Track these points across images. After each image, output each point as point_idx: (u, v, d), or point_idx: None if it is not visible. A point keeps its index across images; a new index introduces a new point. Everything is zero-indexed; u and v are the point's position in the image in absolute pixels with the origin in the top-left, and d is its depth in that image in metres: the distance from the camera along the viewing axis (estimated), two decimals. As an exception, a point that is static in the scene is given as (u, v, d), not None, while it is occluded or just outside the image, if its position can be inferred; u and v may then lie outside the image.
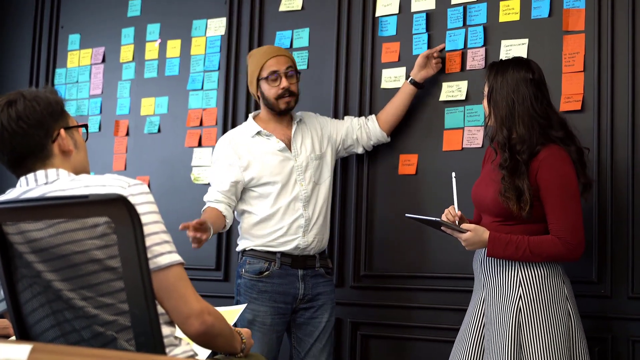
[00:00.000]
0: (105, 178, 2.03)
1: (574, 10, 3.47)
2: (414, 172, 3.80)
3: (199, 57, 4.50)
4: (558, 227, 2.88)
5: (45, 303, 1.98)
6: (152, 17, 4.71)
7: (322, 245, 3.61)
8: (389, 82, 3.91)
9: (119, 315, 1.92)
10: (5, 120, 2.04)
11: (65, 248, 1.90)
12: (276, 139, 3.59)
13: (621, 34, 3.39)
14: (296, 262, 3.52)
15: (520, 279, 2.92)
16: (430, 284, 3.73)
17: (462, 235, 2.95)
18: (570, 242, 2.87)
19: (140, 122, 4.64)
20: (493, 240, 2.91)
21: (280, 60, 3.56)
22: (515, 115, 2.93)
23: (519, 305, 2.90)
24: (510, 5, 3.63)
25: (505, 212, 2.94)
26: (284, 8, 4.27)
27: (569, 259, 2.92)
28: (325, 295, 3.58)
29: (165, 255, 1.97)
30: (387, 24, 3.94)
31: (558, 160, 2.91)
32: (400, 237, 3.82)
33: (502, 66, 3.02)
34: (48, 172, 2.07)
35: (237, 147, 3.58)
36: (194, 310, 2.00)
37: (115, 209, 1.83)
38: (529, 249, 2.87)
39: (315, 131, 3.67)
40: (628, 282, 3.30)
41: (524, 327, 2.88)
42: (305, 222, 3.53)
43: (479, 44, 3.68)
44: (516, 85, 2.94)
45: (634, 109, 3.33)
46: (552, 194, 2.89)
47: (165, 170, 4.51)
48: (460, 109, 3.70)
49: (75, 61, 4.95)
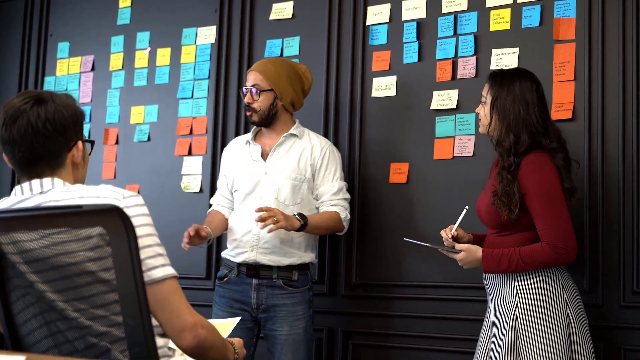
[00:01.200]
0: (100, 189, 2.01)
1: (565, 19, 3.49)
2: (405, 181, 3.80)
3: (189, 65, 4.49)
4: (546, 232, 2.91)
5: (38, 313, 1.96)
6: (141, 25, 4.70)
7: (282, 262, 3.52)
8: (379, 91, 3.91)
9: (112, 327, 1.91)
10: (34, 118, 2.02)
11: (59, 259, 1.88)
12: (259, 148, 3.63)
13: (612, 43, 3.41)
14: (250, 271, 3.52)
15: (517, 288, 2.96)
16: (423, 293, 3.73)
17: (456, 255, 3.06)
18: (562, 246, 2.90)
19: (130, 130, 4.63)
20: (486, 258, 2.99)
21: (250, 76, 3.63)
22: (520, 122, 2.99)
23: (515, 313, 2.94)
24: (500, 14, 3.64)
25: (499, 221, 3.00)
26: (274, 16, 4.27)
27: (562, 263, 2.95)
28: (285, 307, 3.50)
29: (159, 268, 1.96)
30: (377, 32, 3.95)
31: (539, 165, 2.96)
32: (392, 246, 3.82)
33: (508, 75, 3.08)
34: (43, 181, 2.06)
35: (230, 153, 3.75)
36: (187, 324, 1.99)
37: (110, 219, 1.82)
38: (521, 260, 2.92)
39: (309, 154, 3.61)
40: (620, 291, 3.30)
41: (521, 335, 2.91)
42: (254, 238, 3.51)
43: (469, 52, 3.69)
44: (522, 94, 3.02)
45: (624, 118, 3.35)
46: (536, 199, 2.93)
47: (155, 178, 4.50)
48: (451, 118, 3.70)
49: (64, 69, 4.94)
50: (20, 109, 2.02)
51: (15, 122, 2.01)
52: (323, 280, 3.95)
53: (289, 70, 3.63)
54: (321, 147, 3.63)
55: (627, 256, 3.30)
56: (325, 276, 3.94)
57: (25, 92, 2.09)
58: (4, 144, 2.05)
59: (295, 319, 3.51)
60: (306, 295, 3.58)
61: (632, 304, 3.29)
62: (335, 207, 3.58)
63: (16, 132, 2.02)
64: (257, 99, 3.59)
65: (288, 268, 3.53)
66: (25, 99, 2.04)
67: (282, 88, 3.59)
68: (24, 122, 2.01)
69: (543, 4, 3.55)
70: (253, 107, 3.60)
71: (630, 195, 3.31)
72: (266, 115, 3.60)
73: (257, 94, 3.58)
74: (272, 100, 3.59)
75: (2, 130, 2.03)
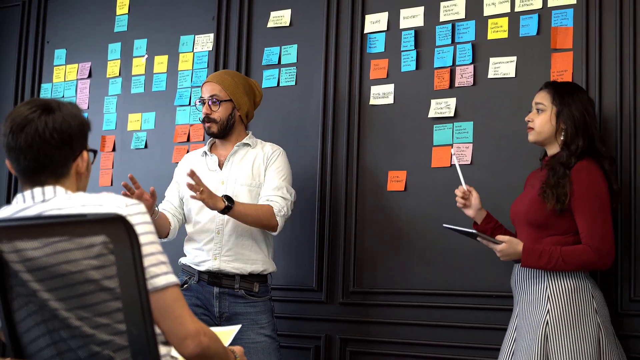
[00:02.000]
0: (102, 197, 2.01)
1: (562, 28, 3.51)
2: (402, 189, 3.81)
3: (186, 72, 4.50)
4: (590, 235, 3.00)
5: (40, 322, 1.96)
6: (139, 32, 4.70)
7: (245, 270, 3.52)
8: (377, 99, 3.92)
9: (115, 335, 1.91)
10: (42, 127, 2.02)
11: (61, 268, 1.88)
12: (216, 158, 3.65)
13: (609, 52, 3.43)
14: (212, 279, 3.52)
15: (549, 294, 3.03)
16: (420, 301, 3.73)
17: (497, 246, 3.09)
18: (603, 250, 2.99)
19: (127, 137, 4.63)
20: (527, 251, 3.03)
21: (208, 87, 3.64)
22: (588, 128, 3.11)
23: (546, 318, 3.00)
24: (498, 23, 3.65)
25: (539, 218, 3.07)
26: (272, 24, 4.28)
27: (600, 266, 3.05)
28: (248, 316, 3.50)
29: (161, 276, 1.96)
30: (375, 40, 3.96)
31: (592, 172, 3.06)
32: (389, 254, 3.82)
33: (568, 85, 3.21)
34: (45, 189, 2.05)
35: (185, 164, 3.74)
36: (190, 332, 1.99)
37: (114, 228, 1.82)
38: (561, 258, 2.99)
39: (261, 160, 3.62)
40: (618, 299, 3.32)
41: (551, 340, 2.96)
42: (217, 246, 3.52)
43: (467, 61, 3.71)
44: (586, 104, 3.15)
45: (621, 127, 3.37)
46: (583, 202, 3.02)
47: (152, 185, 4.47)
48: (448, 126, 3.72)
49: (61, 76, 4.94)
50: (27, 117, 2.02)
51: (23, 131, 2.01)
52: (321, 288, 3.95)
53: (244, 82, 3.67)
54: (272, 151, 3.64)
55: (624, 264, 3.31)
56: (323, 283, 3.95)
57: (32, 100, 2.09)
58: (10, 151, 2.04)
59: (260, 327, 3.51)
60: (268, 305, 3.58)
61: (630, 312, 3.30)
62: (270, 201, 3.51)
63: (23, 141, 2.01)
64: (216, 110, 3.60)
65: (250, 279, 3.52)
66: (33, 107, 2.04)
67: (239, 98, 3.61)
68: (32, 130, 2.01)
69: (541, 13, 3.57)
70: (213, 117, 3.60)
71: (626, 201, 3.32)
72: (225, 126, 3.61)
73: (216, 105, 3.59)
74: (230, 111, 3.61)
75: (8, 138, 2.03)
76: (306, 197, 4.00)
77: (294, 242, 4.02)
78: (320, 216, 3.99)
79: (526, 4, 3.60)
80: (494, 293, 3.54)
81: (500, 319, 3.48)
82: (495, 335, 3.45)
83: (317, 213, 3.99)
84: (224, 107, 3.60)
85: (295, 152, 4.03)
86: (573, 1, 3.51)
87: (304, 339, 3.97)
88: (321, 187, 4.01)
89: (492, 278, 3.54)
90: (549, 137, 3.16)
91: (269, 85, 4.23)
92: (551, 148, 3.19)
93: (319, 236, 3.98)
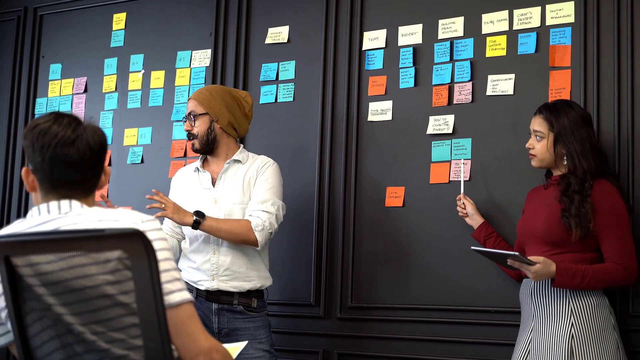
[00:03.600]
0: (118, 212, 2.03)
1: (560, 46, 3.55)
2: (401, 205, 3.83)
3: (183, 88, 4.51)
4: (617, 253, 3.08)
5: (55, 336, 1.96)
6: (135, 47, 4.71)
7: (244, 287, 3.52)
8: (375, 115, 3.95)
9: (130, 350, 1.92)
10: (91, 139, 2.05)
11: (76, 282, 1.89)
12: (209, 176, 3.63)
13: (607, 70, 3.48)
14: (210, 296, 3.51)
15: (572, 308, 3.06)
16: (418, 316, 3.75)
17: (531, 267, 3.06)
18: (631, 267, 3.07)
19: (123, 152, 4.63)
20: (560, 272, 3.04)
21: (188, 104, 3.67)
22: (586, 149, 3.13)
23: (571, 332, 3.03)
24: (496, 41, 3.69)
25: (556, 238, 3.11)
26: (270, 40, 4.30)
27: (628, 283, 3.14)
28: (247, 331, 3.50)
29: (176, 293, 1.98)
30: (373, 57, 3.99)
31: (611, 192, 3.12)
32: (387, 270, 3.84)
33: (563, 107, 3.19)
34: (61, 203, 2.06)
35: (178, 181, 3.76)
36: (203, 349, 2.01)
37: (131, 243, 1.83)
38: (594, 277, 3.04)
39: (252, 174, 3.60)
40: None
41: (577, 354, 2.99)
42: (213, 267, 3.52)
43: (465, 78, 3.74)
44: (583, 123, 3.17)
45: (619, 145, 3.41)
46: (607, 223, 3.08)
47: (148, 201, 4.48)
48: (447, 142, 3.75)
49: (56, 91, 4.94)
50: (75, 131, 2.03)
51: (74, 144, 2.03)
52: (318, 303, 3.96)
53: (224, 93, 3.64)
54: (263, 164, 3.61)
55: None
56: (321, 299, 3.95)
57: (57, 115, 2.08)
58: (55, 164, 2.04)
59: (258, 342, 3.50)
60: (265, 320, 3.58)
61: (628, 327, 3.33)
62: (251, 215, 3.47)
63: (75, 153, 2.03)
64: (195, 125, 3.61)
65: (248, 294, 3.52)
66: (71, 122, 2.05)
67: (217, 110, 3.60)
68: (83, 144, 2.03)
69: (539, 31, 3.61)
70: (193, 133, 3.62)
71: (625, 220, 3.36)
72: (206, 140, 3.61)
73: (193, 120, 3.61)
74: (208, 124, 3.60)
75: (54, 150, 2.03)
76: (304, 212, 4.02)
77: (291, 257, 4.03)
78: (318, 232, 4.00)
79: (524, 22, 3.64)
80: (492, 308, 3.56)
81: (499, 334, 3.50)
82: (494, 351, 3.48)
83: (315, 228, 4.01)
84: (201, 122, 3.60)
85: (293, 167, 4.06)
86: (571, 20, 3.55)
87: (301, 354, 3.97)
88: (319, 202, 4.02)
89: (491, 293, 3.57)
90: (551, 162, 3.22)
91: (267, 101, 4.25)
92: (557, 170, 3.24)
93: (317, 251, 3.99)
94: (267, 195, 3.52)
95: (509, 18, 3.69)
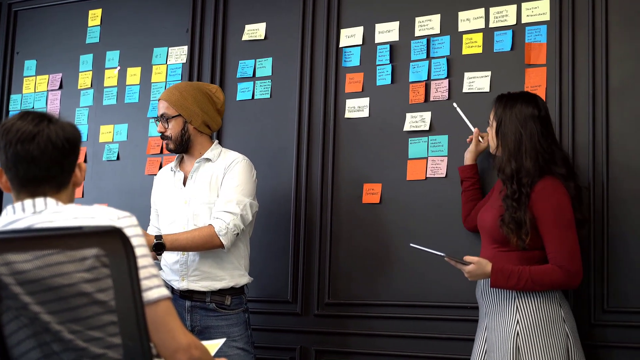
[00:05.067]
0: (94, 209, 2.02)
1: (536, 44, 3.57)
2: (378, 201, 3.84)
3: (159, 84, 4.49)
4: (557, 255, 3.00)
5: (31, 335, 1.95)
6: (111, 44, 4.69)
7: (215, 287, 3.51)
8: (352, 112, 3.95)
9: (108, 349, 1.90)
10: (54, 135, 2.02)
11: (54, 281, 1.88)
12: (182, 175, 3.63)
13: (581, 68, 3.50)
14: (183, 294, 3.51)
15: (518, 305, 3.03)
16: (395, 312, 3.76)
17: (465, 267, 3.06)
18: (572, 270, 2.99)
19: (99, 149, 4.61)
20: (496, 273, 3.01)
21: (159, 105, 3.63)
22: (522, 149, 3.06)
23: (516, 329, 3.00)
24: (473, 39, 3.71)
25: (503, 238, 3.07)
26: (246, 37, 4.30)
27: (569, 286, 3.07)
28: (220, 329, 3.48)
29: (154, 289, 1.98)
30: (350, 54, 4.00)
31: (553, 191, 3.04)
32: (364, 266, 3.85)
33: (511, 100, 3.15)
34: (36, 201, 2.05)
35: (157, 180, 3.78)
36: (182, 345, 2.01)
37: (110, 240, 1.82)
38: (530, 279, 2.98)
39: (220, 172, 3.57)
40: (590, 310, 3.38)
41: (522, 350, 2.97)
42: (182, 267, 3.51)
43: (442, 75, 3.76)
44: (524, 120, 3.09)
45: (594, 141, 3.43)
46: (549, 224, 3.01)
47: (124, 198, 4.47)
48: (424, 139, 3.76)
49: (31, 87, 4.90)
50: (36, 127, 2.02)
51: (34, 140, 2.01)
52: (296, 300, 3.97)
53: (195, 92, 3.59)
54: (231, 161, 3.56)
55: (597, 275, 3.37)
56: (298, 295, 3.96)
57: (26, 112, 2.07)
58: (18, 161, 2.02)
59: (232, 340, 3.48)
60: (241, 317, 3.55)
61: (603, 323, 3.36)
62: (215, 218, 3.43)
63: (36, 149, 2.01)
64: (168, 127, 3.59)
65: (221, 292, 3.51)
66: (36, 119, 2.04)
67: (189, 111, 3.57)
68: (44, 139, 2.01)
69: (515, 29, 3.64)
70: (167, 135, 3.60)
71: (600, 215, 3.39)
72: (180, 141, 3.59)
73: (165, 122, 3.59)
74: (182, 126, 3.58)
75: (16, 147, 2.01)
76: (281, 209, 4.02)
77: (269, 254, 4.03)
78: (296, 228, 4.00)
79: (500, 20, 3.66)
80: (469, 304, 3.57)
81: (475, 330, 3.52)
82: (471, 346, 3.49)
83: (293, 225, 4.01)
84: (174, 123, 3.57)
85: (270, 165, 4.06)
86: (546, 18, 3.58)
87: (279, 350, 3.97)
88: (296, 199, 4.02)
89: (468, 289, 3.57)
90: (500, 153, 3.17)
91: (244, 97, 4.24)
92: None
93: (294, 248, 4.00)
94: (232, 194, 3.47)
95: (485, 16, 3.71)
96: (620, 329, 3.34)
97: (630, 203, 3.36)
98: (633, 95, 3.41)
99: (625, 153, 3.40)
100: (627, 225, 3.36)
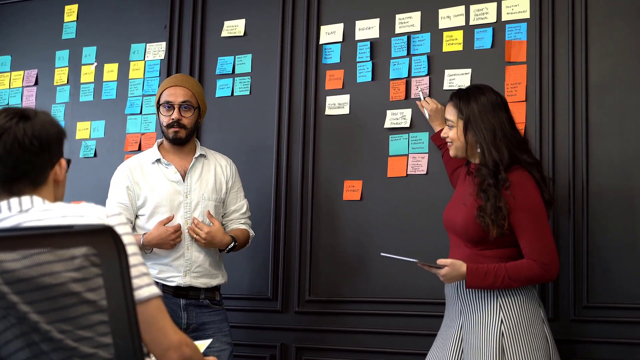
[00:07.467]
0: (83, 208, 1.99)
1: (516, 42, 3.60)
2: (358, 198, 3.85)
3: (137, 81, 4.46)
4: (532, 249, 2.94)
5: (19, 335, 1.92)
6: (88, 40, 4.65)
7: (211, 284, 3.54)
8: (332, 109, 3.95)
9: (99, 348, 1.89)
10: (21, 134, 1.98)
11: (43, 280, 1.85)
12: (175, 168, 3.56)
13: (561, 65, 3.53)
14: (178, 292, 3.49)
15: (500, 304, 2.96)
16: (375, 309, 3.77)
17: (439, 270, 2.99)
18: (547, 263, 2.93)
19: (76, 146, 4.56)
20: (471, 273, 2.94)
21: (178, 92, 3.55)
22: (497, 138, 2.99)
23: (500, 329, 2.94)
24: (453, 36, 3.73)
25: (478, 236, 3.00)
26: (225, 34, 4.28)
27: (546, 279, 3.01)
28: (214, 324, 3.51)
29: (144, 288, 1.96)
30: (331, 51, 4.00)
31: (522, 183, 2.98)
32: (344, 263, 3.85)
33: (472, 94, 3.07)
34: (22, 199, 2.02)
35: (134, 172, 3.57)
36: (173, 343, 2.00)
37: (101, 239, 1.80)
38: (507, 276, 2.92)
39: (222, 173, 3.61)
40: (570, 306, 3.41)
41: (507, 350, 2.91)
42: (187, 263, 3.49)
43: (423, 72, 3.77)
44: (493, 110, 3.03)
45: (574, 138, 3.47)
46: (522, 217, 2.95)
47: (101, 195, 4.38)
48: (404, 136, 3.77)
49: (5, 83, 4.84)
50: (4, 125, 1.98)
51: (1, 139, 1.98)
52: (276, 297, 3.96)
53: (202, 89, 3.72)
54: (229, 166, 3.67)
55: (577, 271, 3.41)
56: (278, 292, 3.96)
57: (5, 108, 2.05)
58: None
59: (223, 335, 3.53)
60: (225, 313, 3.61)
61: (583, 318, 3.39)
62: (244, 225, 3.66)
63: (2, 148, 1.98)
64: (188, 116, 3.54)
65: (212, 289, 3.55)
66: (9, 115, 2.00)
67: (204, 106, 3.63)
68: (10, 138, 1.98)
69: (495, 27, 3.66)
70: (183, 123, 3.53)
71: (580, 211, 3.42)
72: (191, 133, 3.59)
73: (189, 110, 3.54)
74: (197, 118, 3.59)
75: None
76: (261, 206, 4.01)
77: (249, 251, 4.01)
78: (276, 225, 4.00)
79: (481, 18, 3.68)
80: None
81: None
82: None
83: (273, 222, 4.00)
84: (192, 114, 3.55)
85: (250, 161, 4.04)
86: (526, 15, 3.60)
87: (259, 348, 3.97)
88: (276, 196, 4.02)
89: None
90: (465, 150, 3.09)
91: (223, 94, 4.23)
92: (474, 159, 3.11)
93: (274, 245, 3.99)
94: (245, 202, 3.70)
95: (465, 13, 3.72)
96: (600, 324, 3.38)
97: (609, 198, 3.40)
98: (612, 92, 3.45)
99: (605, 149, 3.43)
100: (607, 220, 3.39)
